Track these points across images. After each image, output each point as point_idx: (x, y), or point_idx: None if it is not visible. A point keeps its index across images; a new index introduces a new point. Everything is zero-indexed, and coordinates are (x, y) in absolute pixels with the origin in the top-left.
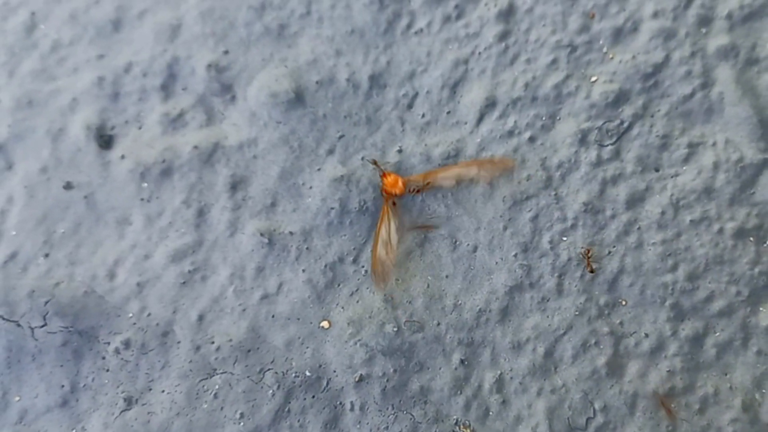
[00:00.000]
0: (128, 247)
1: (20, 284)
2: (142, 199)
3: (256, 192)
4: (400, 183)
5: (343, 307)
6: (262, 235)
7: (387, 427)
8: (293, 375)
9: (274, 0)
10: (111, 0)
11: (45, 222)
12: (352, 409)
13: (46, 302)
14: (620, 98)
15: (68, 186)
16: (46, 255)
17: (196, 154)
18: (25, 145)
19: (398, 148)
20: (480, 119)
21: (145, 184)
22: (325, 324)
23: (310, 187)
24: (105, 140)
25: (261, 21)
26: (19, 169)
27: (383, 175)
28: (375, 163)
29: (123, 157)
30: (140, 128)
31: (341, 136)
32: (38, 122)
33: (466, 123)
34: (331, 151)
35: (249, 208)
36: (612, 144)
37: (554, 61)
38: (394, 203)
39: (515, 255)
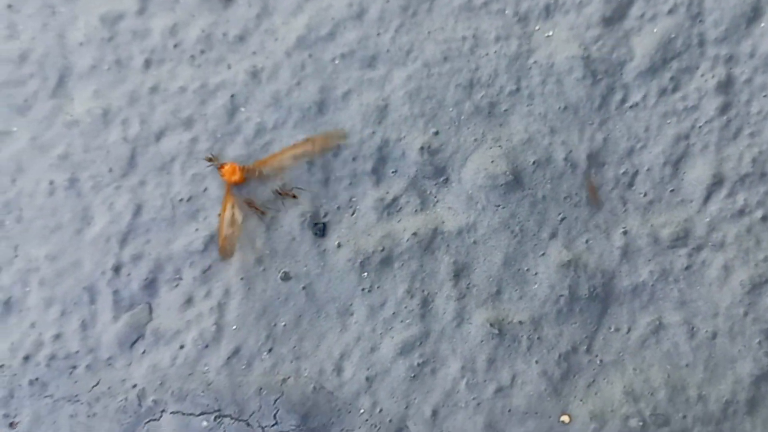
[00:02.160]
0: (353, 339)
1: (247, 381)
2: (363, 289)
3: (479, 279)
4: (237, 171)
5: (581, 400)
6: (491, 325)
7: None
8: None
9: (482, 77)
10: (314, 81)
11: (265, 315)
12: None
13: (276, 400)
14: None
15: (286, 277)
16: (270, 350)
17: (415, 241)
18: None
19: (623, 229)
20: (707, 197)
21: (365, 274)
22: (565, 419)
23: (536, 273)
24: (319, 228)
25: (470, 99)
26: (234, 261)
27: (220, 167)
28: (210, 159)
29: (340, 245)
30: (354, 214)
31: (563, 219)
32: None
33: (692, 201)
34: (553, 235)
35: (474, 297)
36: None
37: None
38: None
39: (759, 342)
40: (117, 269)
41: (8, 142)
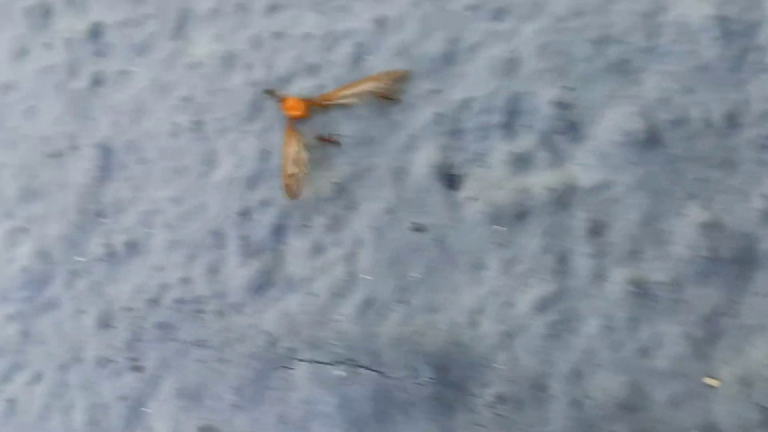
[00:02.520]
0: (487, 293)
1: (380, 332)
2: (496, 243)
3: (616, 238)
4: (300, 105)
5: (727, 363)
6: (630, 284)
7: None
8: None
9: (614, 33)
10: (440, 32)
11: (397, 265)
12: None
13: (411, 352)
14: None
15: (417, 228)
16: (402, 300)
17: (549, 197)
18: (366, 184)
19: (760, 192)
20: None
21: (499, 227)
22: (712, 382)
23: (674, 234)
24: (451, 179)
25: (601, 55)
26: (364, 210)
27: (282, 100)
28: (270, 92)
29: (472, 198)
30: (485, 167)
31: (700, 179)
32: (378, 160)
33: None
34: (692, 195)
35: (611, 255)
36: None
37: None
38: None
39: None
40: (244, 214)
41: (128, 82)
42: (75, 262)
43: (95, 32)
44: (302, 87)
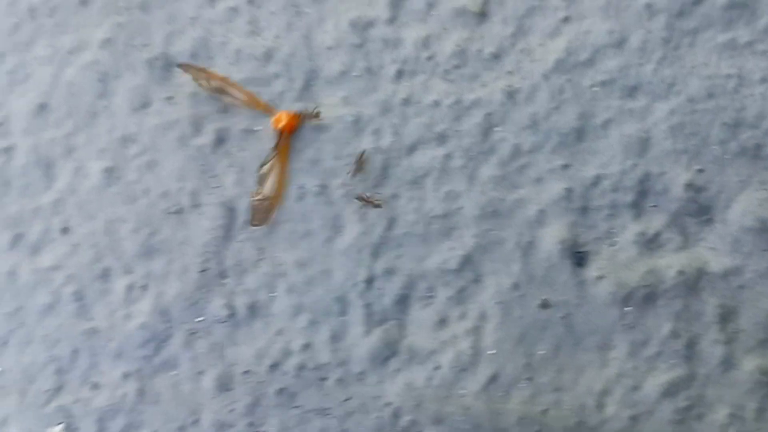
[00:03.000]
0: (614, 375)
1: (506, 409)
2: (624, 325)
3: (747, 325)
4: (291, 116)
5: None
6: (760, 373)
7: None
8: None
9: (747, 117)
10: (572, 106)
11: (523, 342)
12: None
13: (537, 431)
14: None
15: (544, 304)
16: (529, 378)
17: (680, 280)
18: (493, 257)
19: None
20: None
21: (627, 309)
22: None
23: None
24: (579, 257)
25: (735, 139)
26: (490, 284)
27: (276, 118)
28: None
29: (600, 277)
30: (614, 246)
31: None
32: (505, 233)
33: None
34: None
35: (742, 342)
36: None
37: None
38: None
39: None
40: (369, 282)
41: (253, 140)
42: (195, 322)
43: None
44: (432, 156)
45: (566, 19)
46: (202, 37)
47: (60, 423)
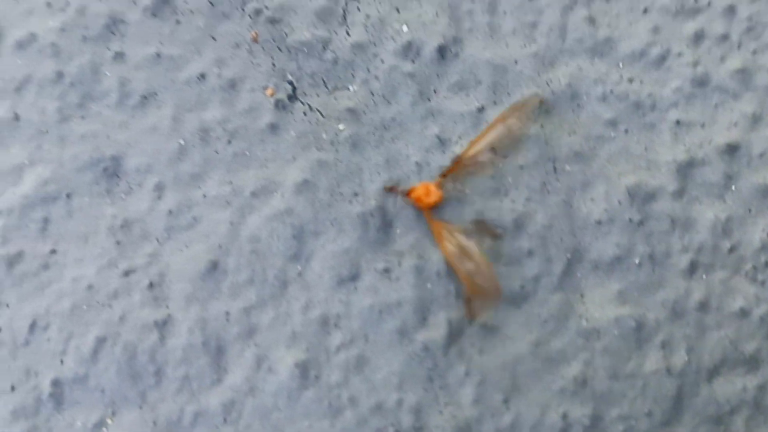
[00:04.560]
0: None
1: None
2: None
3: None
4: (432, 188)
5: None
6: None
7: None
8: None
9: None
10: None
11: None
12: None
13: None
14: None
15: None
16: None
17: None
18: None
19: None
20: None
21: None
22: None
23: None
24: None
25: None
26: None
27: (408, 192)
28: (392, 189)
29: None
30: None
31: None
32: None
33: None
34: None
35: None
36: None
37: None
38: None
39: None
40: None
41: (495, 339)
42: None
43: None
44: (741, 386)
45: None
46: None
47: None
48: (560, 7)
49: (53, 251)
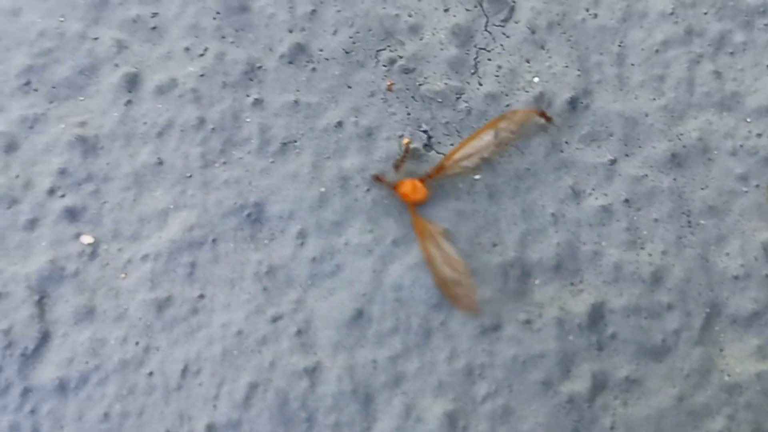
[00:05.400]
0: None
1: None
2: None
3: None
4: (419, 186)
5: None
6: None
7: None
8: None
9: None
10: None
11: None
12: None
13: None
14: None
15: None
16: None
17: None
18: None
19: None
20: None
21: None
22: None
23: None
24: None
25: None
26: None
27: (396, 186)
28: (380, 179)
29: None
30: None
31: None
32: None
33: None
34: None
35: None
36: None
37: None
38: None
39: None
40: None
41: (639, 391)
42: None
43: (596, 317)
44: None
45: None
46: (568, 241)
47: None
48: (687, 60)
49: (201, 296)
